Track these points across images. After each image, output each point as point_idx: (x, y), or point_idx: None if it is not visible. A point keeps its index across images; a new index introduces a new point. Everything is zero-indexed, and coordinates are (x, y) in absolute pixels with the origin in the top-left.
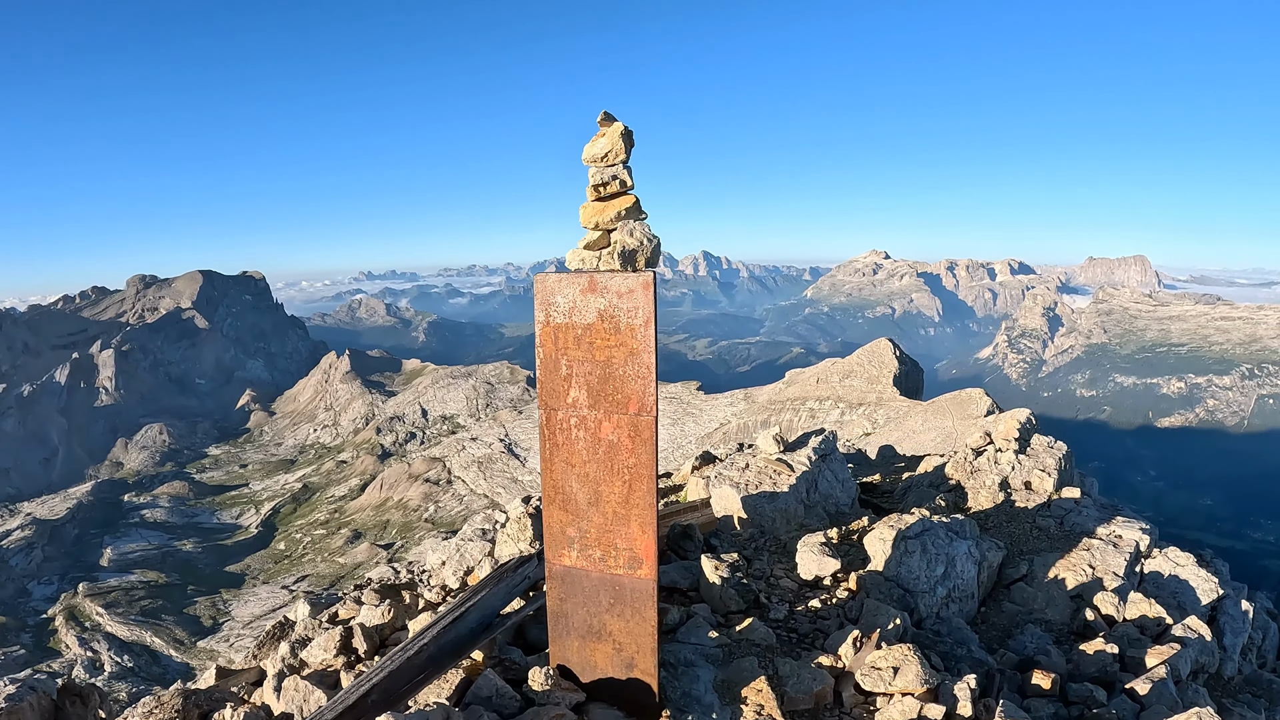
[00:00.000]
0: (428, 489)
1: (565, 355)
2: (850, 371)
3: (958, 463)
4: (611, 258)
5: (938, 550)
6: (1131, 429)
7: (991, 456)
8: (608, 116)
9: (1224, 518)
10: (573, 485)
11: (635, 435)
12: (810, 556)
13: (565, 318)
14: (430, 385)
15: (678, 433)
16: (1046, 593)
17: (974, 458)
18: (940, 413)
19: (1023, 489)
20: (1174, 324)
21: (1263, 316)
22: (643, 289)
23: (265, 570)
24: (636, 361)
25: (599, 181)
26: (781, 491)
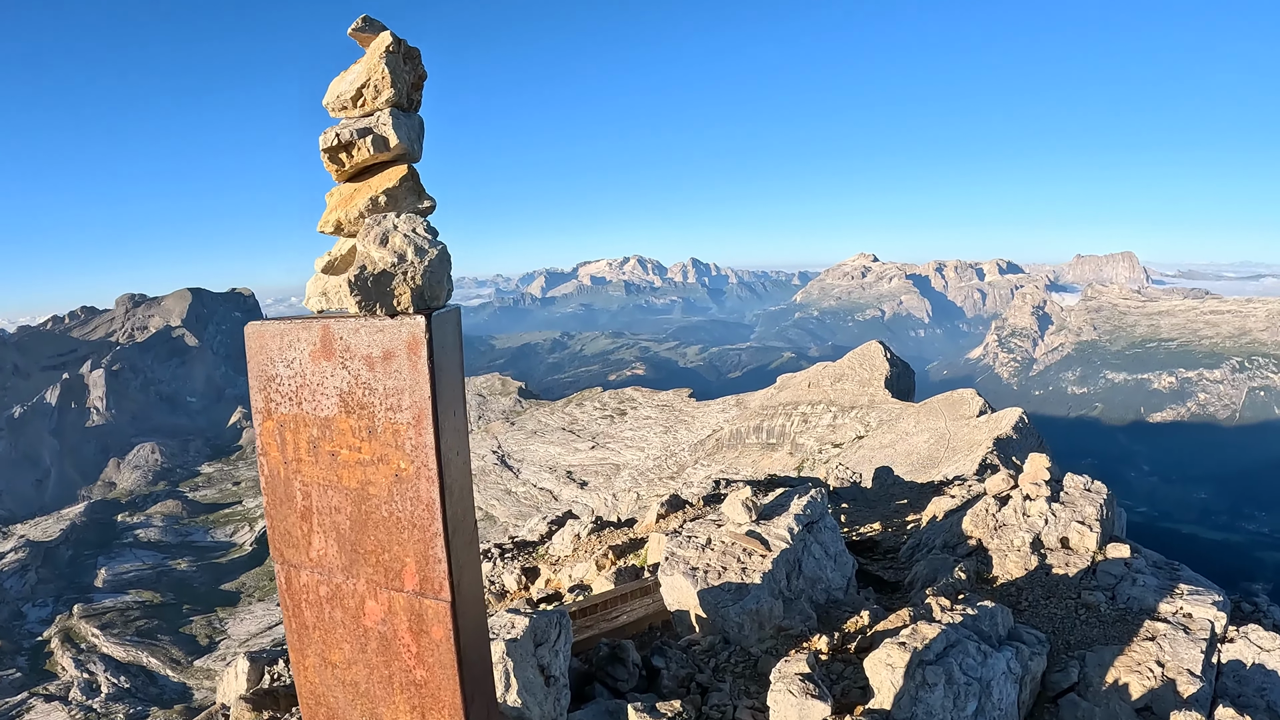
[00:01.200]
0: None
1: (299, 474)
2: (841, 375)
3: (978, 517)
4: (348, 288)
5: (968, 677)
6: (1124, 425)
7: (1019, 507)
8: (368, 23)
9: (1218, 511)
10: (337, 698)
11: (420, 630)
12: (788, 700)
13: (293, 404)
14: None
15: (670, 440)
16: (1107, 707)
17: (997, 508)
18: (933, 414)
19: (1059, 548)
20: (1163, 319)
21: (1251, 309)
22: (410, 350)
23: (261, 588)
24: (410, 492)
25: (341, 142)
26: (752, 583)
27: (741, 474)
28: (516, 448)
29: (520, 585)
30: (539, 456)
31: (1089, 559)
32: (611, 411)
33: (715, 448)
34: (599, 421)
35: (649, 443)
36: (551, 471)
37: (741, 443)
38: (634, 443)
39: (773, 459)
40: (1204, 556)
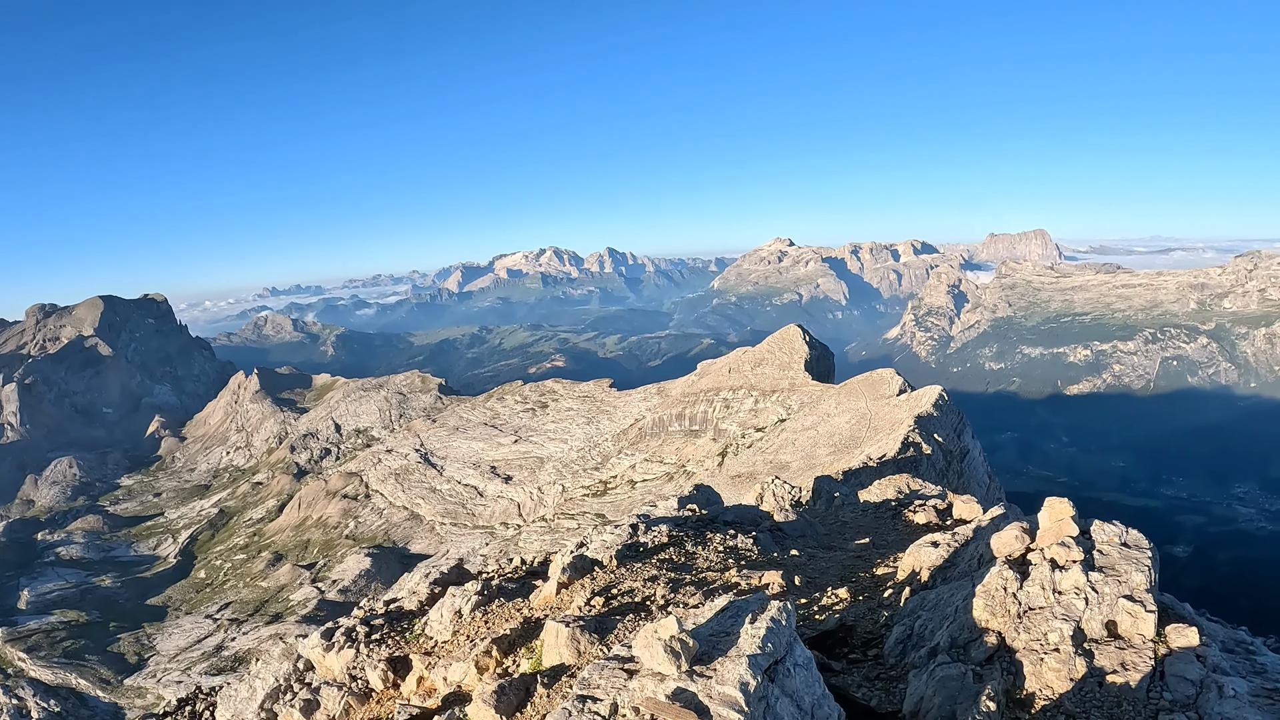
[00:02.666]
0: (346, 505)
1: None
2: (761, 359)
3: (995, 599)
4: None
5: None
6: (1042, 398)
7: (1046, 581)
8: None
9: (1137, 478)
10: None
11: None
12: None
13: None
14: (342, 399)
15: (593, 431)
16: None
17: (1017, 583)
18: (853, 394)
19: (1106, 639)
20: (1077, 294)
21: (1162, 282)
22: None
23: (187, 600)
24: None
25: None
26: None
27: (667, 498)
28: (439, 445)
29: (387, 683)
30: (462, 453)
31: (1150, 654)
32: (533, 405)
33: (638, 437)
34: (521, 415)
35: (572, 434)
36: (476, 467)
37: (664, 430)
38: (557, 435)
39: (696, 445)
40: (1125, 523)
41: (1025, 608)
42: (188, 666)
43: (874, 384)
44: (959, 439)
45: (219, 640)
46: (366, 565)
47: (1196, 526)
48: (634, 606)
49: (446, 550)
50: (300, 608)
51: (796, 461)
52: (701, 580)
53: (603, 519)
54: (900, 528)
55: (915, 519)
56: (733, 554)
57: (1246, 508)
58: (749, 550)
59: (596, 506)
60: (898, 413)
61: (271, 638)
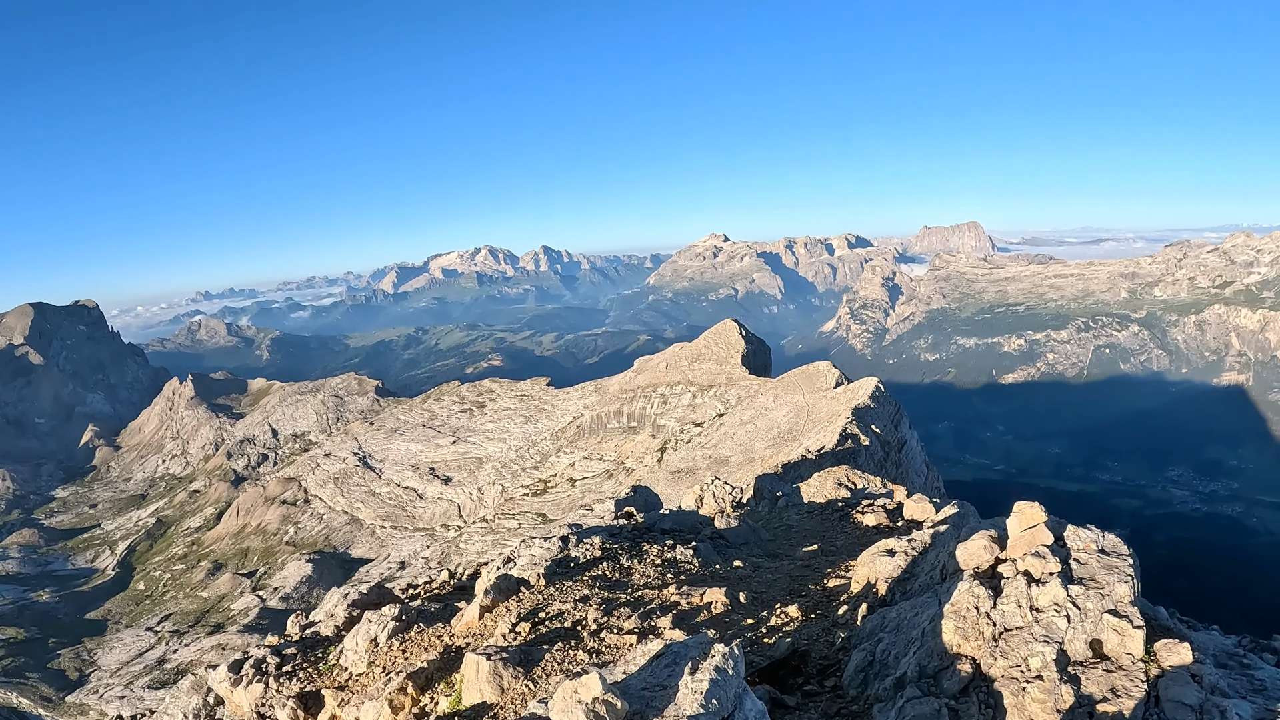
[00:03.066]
0: (285, 511)
1: None
2: (698, 355)
3: (966, 620)
4: None
5: None
6: (977, 387)
7: (1022, 597)
8: None
9: (1073, 464)
10: None
11: None
12: None
13: None
14: (278, 404)
15: (531, 430)
16: None
17: (990, 601)
18: (790, 388)
19: (1091, 659)
20: (1010, 285)
21: (1094, 272)
22: None
23: (127, 613)
24: None
25: None
26: None
27: (605, 499)
28: (377, 447)
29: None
30: (401, 455)
31: (1141, 676)
32: (470, 405)
33: (577, 434)
34: (459, 416)
35: (510, 434)
36: (415, 469)
37: (603, 428)
38: (495, 435)
39: (635, 442)
40: (1062, 508)
41: (1001, 629)
42: (130, 681)
43: (811, 377)
44: (896, 430)
45: (161, 653)
46: (308, 571)
47: (1132, 510)
48: (563, 633)
49: (388, 554)
50: (242, 617)
51: (736, 456)
52: (637, 600)
53: (543, 518)
54: (849, 530)
55: (865, 521)
56: (671, 567)
57: (1181, 490)
58: (689, 563)
59: (537, 506)
60: (835, 405)
61: (214, 648)
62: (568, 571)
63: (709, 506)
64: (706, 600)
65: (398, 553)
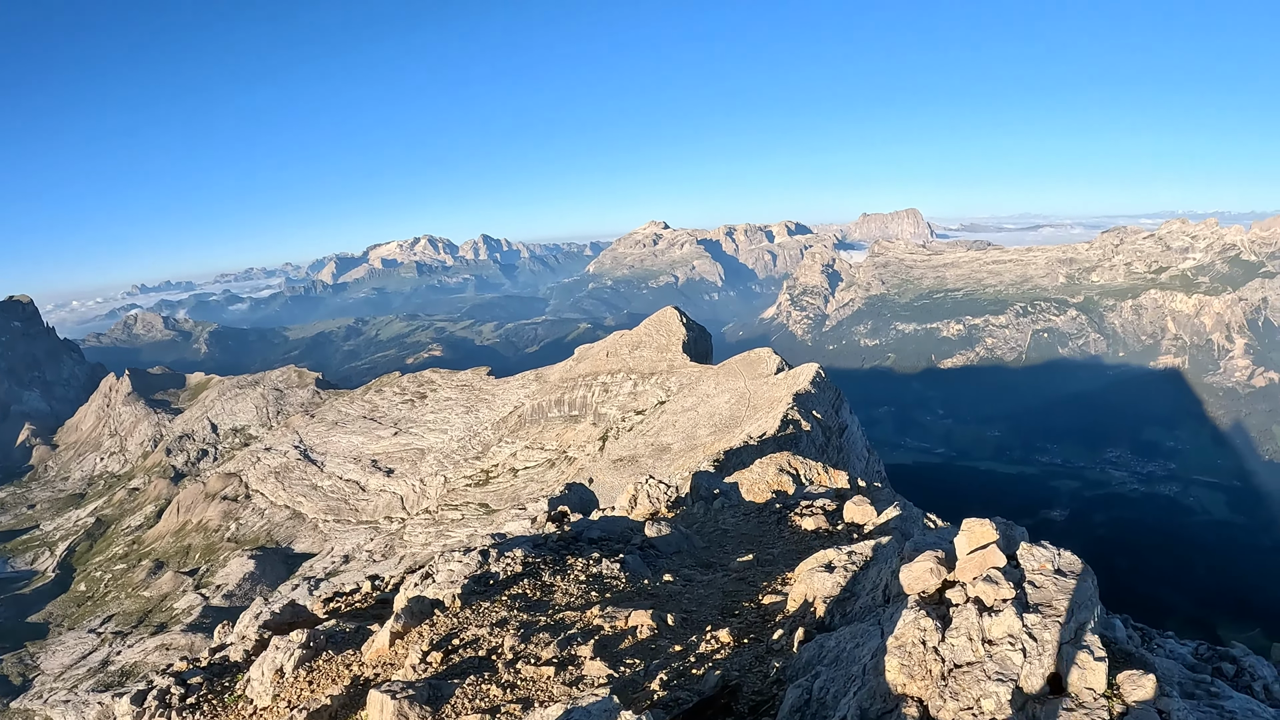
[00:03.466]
0: (227, 507)
1: None
2: (639, 342)
3: (911, 656)
4: None
5: None
6: (916, 372)
7: (973, 629)
8: None
9: (1012, 446)
10: None
11: None
12: None
13: None
14: (217, 398)
15: (473, 420)
16: None
17: (938, 634)
18: (732, 374)
19: (1049, 696)
20: (949, 271)
21: (1031, 258)
22: None
23: (69, 615)
24: None
25: None
26: None
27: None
28: (319, 440)
29: None
30: (342, 447)
31: (1104, 714)
32: (411, 396)
33: (518, 424)
34: (399, 407)
35: (452, 424)
36: (356, 462)
37: (544, 417)
38: (437, 425)
39: (577, 430)
40: (1003, 490)
41: (950, 665)
42: (74, 685)
43: (752, 363)
44: (837, 415)
45: (104, 655)
46: (250, 568)
47: (1072, 491)
48: (477, 664)
49: (331, 548)
50: (185, 615)
51: (678, 443)
52: (559, 623)
53: (486, 508)
54: (787, 535)
55: (803, 524)
56: (596, 584)
57: (1119, 471)
58: (615, 578)
59: (480, 496)
60: (776, 391)
61: (158, 649)
62: (486, 590)
63: (643, 507)
64: (631, 624)
65: (341, 546)
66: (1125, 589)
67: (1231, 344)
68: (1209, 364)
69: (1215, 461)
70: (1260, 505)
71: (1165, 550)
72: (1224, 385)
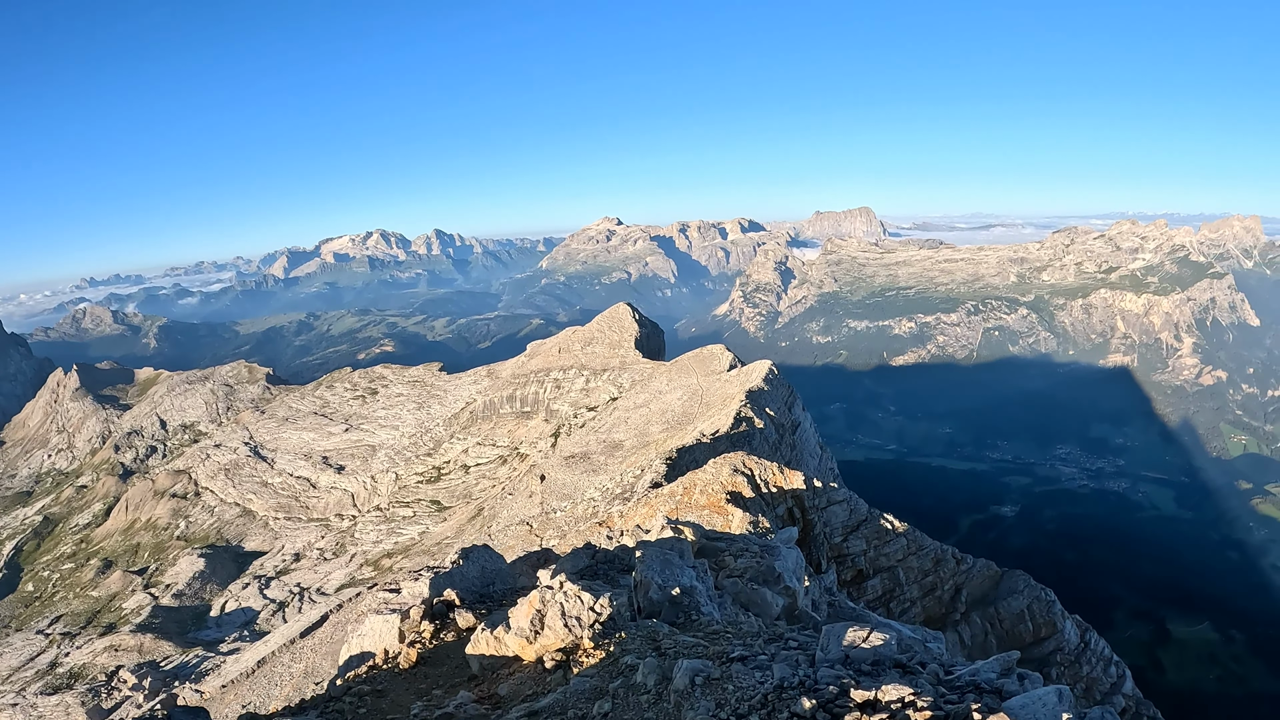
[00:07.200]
0: (176, 504)
1: None
2: (592, 338)
3: None
4: None
5: None
6: (868, 369)
7: None
8: None
9: (963, 443)
10: None
11: None
12: None
13: None
14: (167, 394)
15: (424, 416)
16: None
17: None
18: (684, 371)
19: None
20: (901, 269)
21: (983, 257)
22: None
23: (16, 616)
24: None
25: None
26: None
27: (420, 574)
28: (269, 437)
29: None
30: (293, 444)
31: None
32: (363, 391)
33: (470, 420)
34: (351, 403)
35: (403, 420)
36: (307, 458)
37: (496, 413)
38: (388, 422)
39: (529, 427)
40: (954, 486)
41: None
42: (22, 688)
43: (705, 360)
44: (790, 412)
45: (53, 656)
46: (200, 567)
47: (1022, 487)
48: None
49: (282, 546)
50: (134, 615)
51: (630, 440)
52: None
53: (438, 505)
54: None
55: None
56: None
57: (1068, 467)
58: None
59: (431, 493)
60: (729, 388)
61: (107, 650)
62: None
63: (550, 638)
64: None
65: (292, 544)
66: (1074, 583)
67: (1180, 343)
68: (1157, 362)
69: (1163, 458)
70: (1207, 501)
71: (1113, 545)
72: (1172, 383)
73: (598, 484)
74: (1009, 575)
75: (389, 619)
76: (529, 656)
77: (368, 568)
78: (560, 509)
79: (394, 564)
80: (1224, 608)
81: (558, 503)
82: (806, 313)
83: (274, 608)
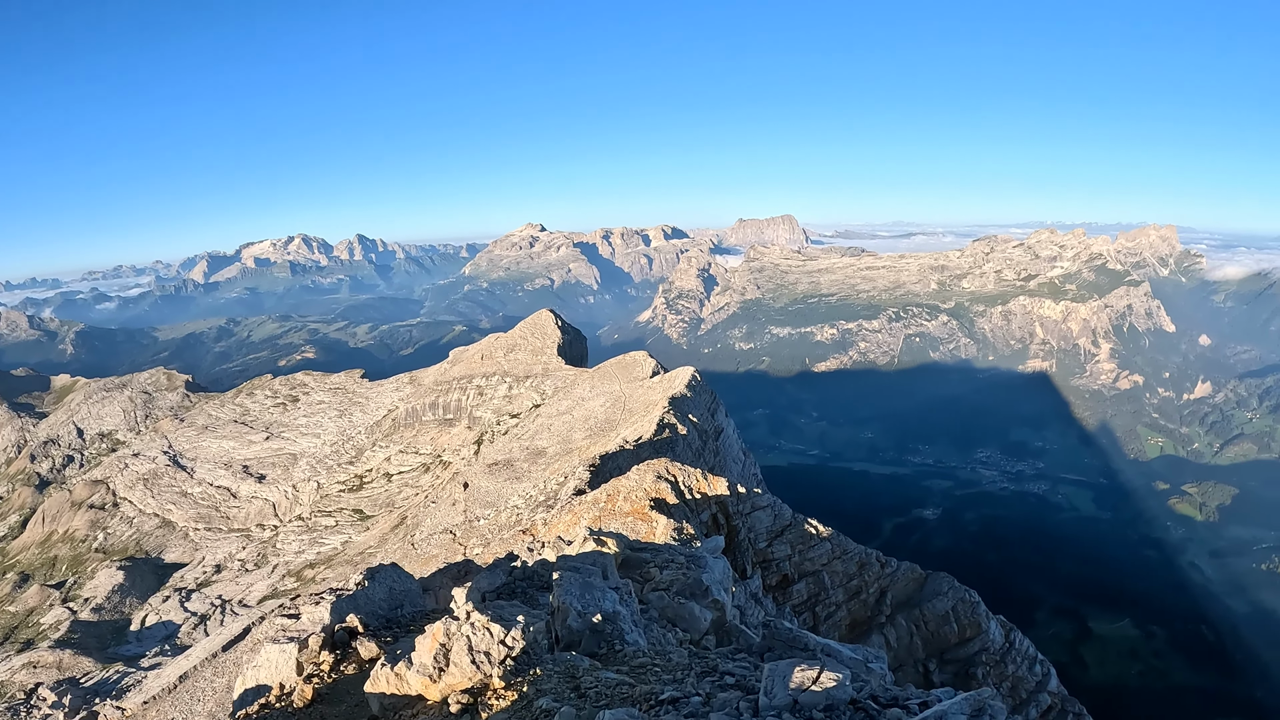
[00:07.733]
0: (94, 515)
1: None
2: (514, 345)
3: None
4: None
5: None
6: (791, 375)
7: None
8: None
9: (886, 448)
10: None
11: None
12: None
13: None
14: (84, 401)
15: (346, 424)
16: None
17: None
18: (607, 377)
19: None
20: (823, 276)
21: (904, 264)
22: None
23: None
24: None
25: None
26: None
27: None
28: (189, 445)
29: None
30: (213, 453)
31: None
32: (284, 399)
33: (392, 428)
34: (272, 410)
35: (325, 428)
36: (227, 468)
37: (418, 420)
38: (309, 429)
39: (451, 434)
40: (877, 490)
41: None
42: None
43: (627, 367)
44: (713, 418)
45: None
46: (119, 580)
47: (944, 490)
48: None
49: (202, 557)
50: (53, 631)
51: (554, 447)
52: None
53: (360, 514)
54: None
55: None
56: None
57: (989, 470)
58: None
59: (354, 502)
60: (652, 395)
61: (25, 667)
62: None
63: (456, 676)
64: None
65: (213, 556)
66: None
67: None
68: (1076, 368)
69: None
70: (1125, 501)
71: (1034, 545)
72: (1090, 388)
73: (521, 491)
74: (933, 577)
75: (286, 649)
76: (433, 697)
77: (290, 578)
78: (484, 517)
79: (317, 574)
80: (1144, 605)
81: (481, 510)
82: (729, 319)
83: (195, 621)
